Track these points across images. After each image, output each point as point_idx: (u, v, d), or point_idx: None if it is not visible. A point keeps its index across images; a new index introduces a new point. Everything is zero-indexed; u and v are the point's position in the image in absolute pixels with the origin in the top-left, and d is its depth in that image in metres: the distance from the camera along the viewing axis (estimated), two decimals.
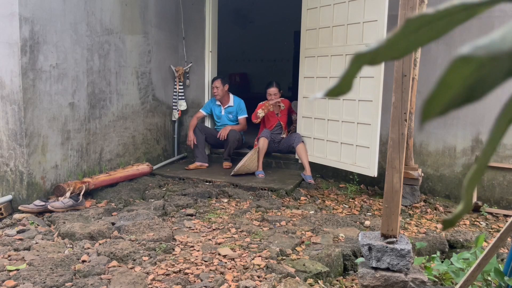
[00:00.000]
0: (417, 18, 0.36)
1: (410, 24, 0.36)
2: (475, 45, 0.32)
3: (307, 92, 4.64)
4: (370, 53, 0.37)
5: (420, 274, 1.97)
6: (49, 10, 3.35)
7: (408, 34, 0.37)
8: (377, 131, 3.81)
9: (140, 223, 2.94)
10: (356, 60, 0.38)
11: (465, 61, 0.32)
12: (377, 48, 0.37)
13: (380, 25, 3.70)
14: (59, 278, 2.16)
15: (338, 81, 0.40)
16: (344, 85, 0.40)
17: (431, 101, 0.35)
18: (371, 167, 3.89)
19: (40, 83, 3.31)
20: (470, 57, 0.32)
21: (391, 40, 0.37)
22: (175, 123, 5.25)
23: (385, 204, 1.99)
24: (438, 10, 0.35)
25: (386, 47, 0.37)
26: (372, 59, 0.38)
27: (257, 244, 2.72)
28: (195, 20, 5.17)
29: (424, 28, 0.36)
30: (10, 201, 3.22)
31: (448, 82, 0.34)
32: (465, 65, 0.33)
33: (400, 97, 1.92)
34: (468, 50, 0.32)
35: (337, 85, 0.40)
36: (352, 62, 0.38)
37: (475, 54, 0.32)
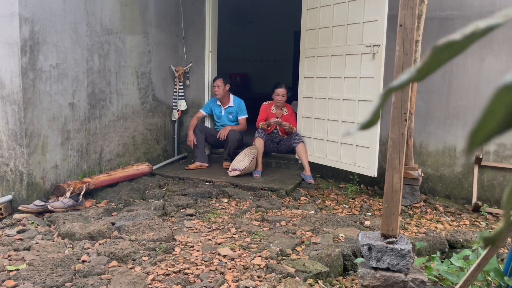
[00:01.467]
0: (444, 45, 0.37)
1: (437, 50, 0.37)
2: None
3: (307, 93, 4.64)
4: (401, 85, 0.39)
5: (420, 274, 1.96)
6: (49, 10, 3.35)
7: (434, 59, 0.38)
8: (377, 131, 3.81)
9: (140, 223, 2.94)
10: (387, 93, 0.40)
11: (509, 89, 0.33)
12: (408, 80, 0.39)
13: (380, 25, 3.70)
14: (59, 278, 2.16)
15: (371, 115, 0.42)
16: (375, 117, 0.42)
17: (478, 131, 0.36)
18: (371, 167, 3.89)
19: (40, 83, 3.31)
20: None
21: (421, 69, 0.38)
22: (175, 123, 5.25)
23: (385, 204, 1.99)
24: (465, 35, 0.36)
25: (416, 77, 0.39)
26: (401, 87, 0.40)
27: (257, 244, 2.72)
28: (195, 20, 5.17)
29: (447, 50, 0.38)
30: (10, 201, 3.22)
31: (493, 111, 0.35)
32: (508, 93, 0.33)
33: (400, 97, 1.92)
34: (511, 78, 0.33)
35: (370, 119, 0.42)
36: (384, 95, 0.40)
37: None
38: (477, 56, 3.91)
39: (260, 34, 8.86)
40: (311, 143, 4.62)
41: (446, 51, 0.37)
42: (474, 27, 0.36)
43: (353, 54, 4.01)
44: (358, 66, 3.96)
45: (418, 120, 4.12)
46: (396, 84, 0.39)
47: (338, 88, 4.21)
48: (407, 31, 1.91)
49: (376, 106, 0.41)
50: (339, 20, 4.17)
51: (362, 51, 3.89)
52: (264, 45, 8.87)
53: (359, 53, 3.94)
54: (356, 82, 3.99)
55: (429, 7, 3.78)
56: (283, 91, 4.70)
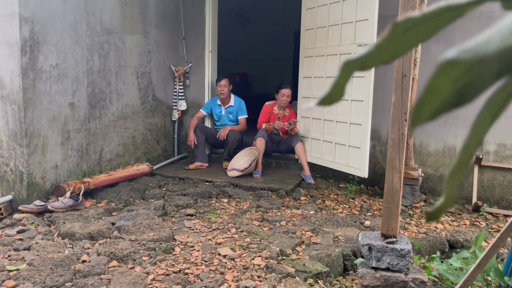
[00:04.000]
0: (403, 22, 0.36)
1: (397, 28, 0.36)
2: (460, 48, 0.32)
3: (306, 92, 4.65)
4: (359, 59, 0.37)
5: (420, 274, 1.97)
6: (49, 10, 3.35)
7: (395, 38, 0.37)
8: (367, 131, 3.79)
9: (140, 223, 2.94)
10: (346, 67, 0.38)
11: (452, 65, 0.32)
12: (366, 54, 0.37)
13: (370, 24, 3.69)
14: (59, 278, 2.16)
15: (330, 89, 0.39)
16: (336, 93, 0.40)
17: (420, 106, 0.35)
18: (361, 168, 3.87)
19: (40, 83, 3.31)
20: (456, 61, 0.32)
21: (380, 45, 0.37)
22: (175, 123, 5.25)
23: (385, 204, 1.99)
24: (424, 13, 0.35)
25: (375, 52, 0.37)
26: (362, 64, 0.38)
27: (257, 244, 2.72)
28: (195, 20, 5.17)
29: (412, 31, 0.36)
30: (10, 201, 3.22)
31: (436, 87, 0.34)
32: (452, 69, 0.33)
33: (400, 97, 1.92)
34: (454, 53, 0.32)
35: (328, 93, 0.40)
36: (342, 69, 0.38)
37: (461, 58, 0.32)
38: None
39: (260, 34, 8.86)
40: (309, 143, 4.63)
41: (411, 31, 0.36)
42: (435, 6, 0.35)
43: (346, 54, 4.01)
44: None
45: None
46: (355, 58, 0.37)
47: None
48: None
49: (337, 81, 0.39)
50: (334, 19, 4.17)
51: (355, 51, 3.88)
52: (264, 45, 8.87)
53: (352, 52, 3.93)
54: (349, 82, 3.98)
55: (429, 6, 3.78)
56: (288, 92, 4.69)
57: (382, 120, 4.31)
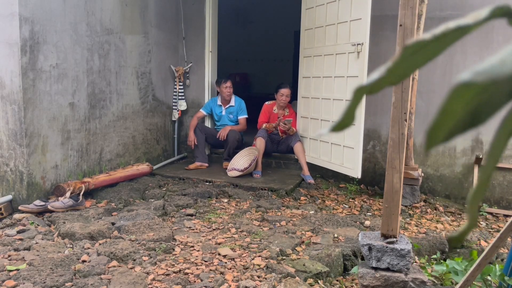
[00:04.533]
0: (414, 45, 0.36)
1: (407, 51, 0.36)
2: (474, 70, 0.32)
3: (305, 92, 4.65)
4: (370, 85, 0.38)
5: (420, 274, 1.97)
6: (49, 10, 3.35)
7: (405, 60, 0.37)
8: (360, 131, 3.77)
9: (140, 223, 2.94)
10: (357, 93, 0.39)
11: (466, 87, 0.32)
12: (378, 79, 0.37)
13: (363, 23, 3.68)
14: (59, 278, 2.16)
15: (342, 116, 0.40)
16: (348, 118, 0.40)
17: (435, 129, 0.35)
18: (355, 168, 3.87)
19: (40, 83, 3.31)
20: (470, 83, 0.32)
21: (390, 69, 0.37)
22: (175, 123, 5.25)
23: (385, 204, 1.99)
24: (435, 35, 0.35)
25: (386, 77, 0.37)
26: (372, 89, 0.39)
27: (257, 244, 2.72)
28: (195, 20, 5.17)
29: (420, 52, 0.37)
30: (10, 201, 3.22)
31: (450, 109, 0.34)
32: (465, 91, 0.32)
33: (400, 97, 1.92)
34: (468, 76, 0.32)
35: (341, 120, 0.40)
36: (354, 95, 0.39)
37: (475, 80, 0.32)
38: (477, 56, 3.91)
39: (260, 34, 8.85)
40: (307, 143, 4.63)
41: (419, 53, 0.37)
42: (444, 28, 0.35)
43: (341, 53, 4.00)
44: (345, 66, 3.95)
45: (418, 120, 4.12)
46: (366, 83, 0.38)
47: (329, 88, 4.22)
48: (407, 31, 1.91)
49: (349, 106, 0.39)
50: (331, 19, 4.17)
51: (349, 50, 3.88)
52: (264, 45, 8.87)
53: (346, 52, 3.92)
54: (344, 81, 3.99)
55: (429, 7, 3.79)
56: (287, 91, 4.69)
57: (382, 120, 4.31)
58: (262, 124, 4.77)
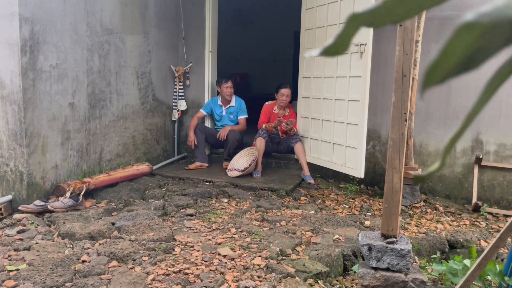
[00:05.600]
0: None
1: None
2: (479, 12, 0.32)
3: (305, 92, 4.65)
4: (367, 13, 0.36)
5: (420, 274, 1.96)
6: (49, 10, 3.35)
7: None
8: (363, 131, 3.78)
9: (140, 223, 2.94)
10: (352, 19, 0.36)
11: (469, 28, 0.32)
12: (374, 8, 0.35)
13: None
14: (59, 278, 2.16)
15: (334, 39, 0.38)
16: (340, 44, 0.38)
17: (433, 69, 0.34)
18: (358, 168, 3.87)
19: (40, 83, 3.31)
20: (474, 24, 0.32)
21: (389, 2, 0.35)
22: (175, 123, 5.25)
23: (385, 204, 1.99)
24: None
25: (384, 9, 0.35)
26: (370, 21, 0.36)
27: (257, 244, 2.72)
28: (195, 20, 5.17)
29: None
30: (10, 201, 3.22)
31: (451, 50, 0.33)
32: (468, 33, 0.32)
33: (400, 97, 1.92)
34: (472, 17, 0.32)
35: (333, 43, 0.38)
36: (348, 21, 0.37)
37: (479, 21, 0.31)
38: None
39: (260, 34, 8.85)
40: (308, 143, 4.63)
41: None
42: None
43: (344, 54, 4.00)
44: (348, 66, 3.96)
45: (418, 120, 4.12)
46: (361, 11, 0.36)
47: (331, 88, 4.22)
48: (407, 31, 1.91)
49: (341, 32, 0.37)
50: (332, 19, 4.17)
51: (352, 50, 3.88)
52: (264, 45, 8.87)
53: (348, 52, 3.93)
54: (346, 81, 3.99)
55: None
56: (288, 92, 4.69)
57: (382, 120, 4.31)
58: (262, 124, 4.77)
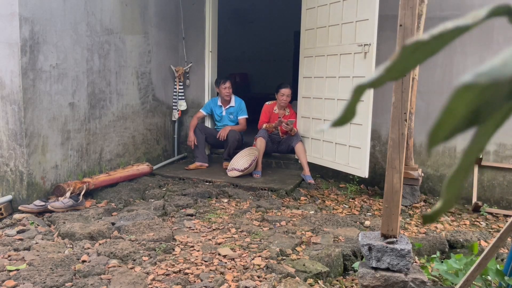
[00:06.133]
0: (413, 44, 0.37)
1: (406, 50, 0.38)
2: (476, 72, 0.33)
3: (306, 92, 4.65)
4: (370, 82, 0.39)
5: (420, 274, 1.96)
6: (49, 10, 3.35)
7: (404, 58, 0.38)
8: (368, 131, 3.79)
9: (140, 223, 2.94)
10: (357, 90, 0.40)
11: (468, 89, 0.33)
12: (377, 77, 0.39)
13: (371, 24, 3.69)
14: (59, 278, 2.16)
15: (343, 112, 0.42)
16: (349, 114, 0.42)
17: (437, 129, 0.36)
18: (362, 168, 3.87)
19: (40, 83, 3.31)
20: (472, 85, 0.33)
21: (389, 68, 0.38)
22: (175, 123, 5.25)
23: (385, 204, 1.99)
24: (433, 35, 0.36)
25: (386, 74, 0.39)
26: (372, 85, 0.40)
27: (257, 244, 2.72)
28: (195, 20, 5.17)
29: (419, 50, 0.38)
30: (10, 201, 3.22)
31: (452, 110, 0.35)
32: (467, 92, 0.33)
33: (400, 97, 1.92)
34: (470, 78, 0.33)
35: (342, 115, 0.42)
36: (354, 92, 0.40)
37: (478, 82, 0.32)
38: (477, 56, 3.91)
39: (260, 34, 8.85)
40: (309, 143, 4.63)
41: (418, 51, 0.38)
42: (442, 28, 0.36)
43: (347, 54, 4.00)
44: (351, 66, 3.95)
45: (418, 120, 4.12)
46: (366, 82, 0.39)
47: (333, 88, 4.22)
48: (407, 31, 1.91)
49: (349, 103, 0.41)
50: (334, 19, 4.17)
51: (355, 51, 3.88)
52: (264, 45, 8.87)
53: (352, 52, 3.93)
54: (349, 82, 3.99)
55: (429, 7, 3.78)
56: (288, 91, 4.69)
57: (382, 120, 4.31)
58: (262, 124, 4.77)
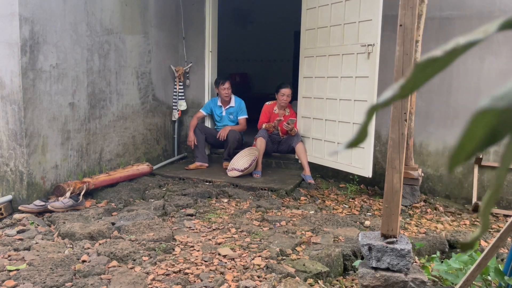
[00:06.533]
0: (425, 61, 0.38)
1: (419, 67, 0.38)
2: (493, 97, 0.34)
3: (306, 92, 4.64)
4: (383, 103, 0.40)
5: (420, 274, 1.96)
6: (49, 10, 3.35)
7: (416, 76, 0.39)
8: (371, 131, 3.80)
9: (140, 223, 2.94)
10: (371, 111, 0.40)
11: (486, 113, 0.34)
12: (392, 97, 0.39)
13: (374, 24, 3.69)
14: (59, 278, 2.16)
15: (357, 133, 0.42)
16: (363, 135, 0.42)
17: (458, 152, 0.37)
18: (366, 168, 3.88)
19: (40, 83, 3.31)
20: (490, 110, 0.34)
21: (403, 86, 0.39)
22: (175, 123, 5.25)
23: (385, 204, 1.99)
24: (446, 51, 0.37)
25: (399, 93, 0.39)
26: (385, 105, 0.41)
27: (257, 244, 2.72)
28: (195, 20, 5.17)
29: (430, 67, 0.38)
30: (10, 201, 3.22)
31: (472, 133, 0.35)
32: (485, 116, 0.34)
33: None
34: (487, 103, 0.34)
35: (356, 137, 0.43)
36: (367, 114, 0.41)
37: (495, 106, 0.33)
38: (477, 56, 3.91)
39: (260, 34, 8.85)
40: (309, 143, 4.62)
41: (429, 67, 0.38)
42: (455, 43, 0.36)
43: (349, 54, 4.01)
44: (354, 66, 3.95)
45: (418, 120, 4.12)
46: (380, 101, 0.40)
47: (335, 88, 4.22)
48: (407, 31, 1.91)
49: (363, 124, 0.41)
50: (336, 19, 4.17)
51: (358, 51, 3.88)
52: (264, 45, 8.86)
53: (355, 52, 3.93)
54: (352, 82, 3.99)
55: (429, 7, 3.78)
56: (288, 91, 4.69)
57: (382, 120, 4.31)
58: (262, 124, 4.77)
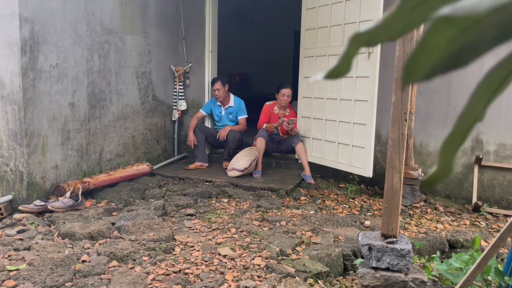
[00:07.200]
0: None
1: (405, 3, 0.36)
2: (454, 6, 0.32)
3: (307, 92, 4.65)
4: (368, 32, 0.37)
5: (420, 274, 1.96)
6: (49, 10, 3.35)
7: (403, 15, 0.36)
8: (372, 131, 3.80)
9: (140, 223, 2.94)
10: (354, 39, 0.38)
11: (446, 23, 0.32)
12: (375, 27, 0.37)
13: None
14: (59, 278, 2.16)
15: (337, 62, 0.39)
16: (343, 65, 0.39)
17: (412, 63, 0.35)
18: (366, 168, 3.88)
19: (40, 83, 3.31)
20: (450, 17, 0.32)
21: (388, 19, 0.36)
22: (175, 123, 5.25)
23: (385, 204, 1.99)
24: None
25: (384, 27, 0.37)
26: (370, 39, 0.38)
27: (257, 244, 2.72)
28: (195, 20, 5.17)
29: (420, 8, 0.36)
30: (10, 201, 3.22)
31: (430, 44, 0.34)
32: (447, 28, 0.33)
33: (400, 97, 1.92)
34: (448, 10, 0.32)
35: (336, 66, 0.40)
36: (350, 42, 0.38)
37: (455, 14, 0.32)
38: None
39: (260, 34, 8.85)
40: (310, 143, 4.63)
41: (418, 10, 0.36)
42: None
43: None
44: (354, 66, 3.94)
45: (418, 120, 4.12)
46: (363, 31, 0.37)
47: (335, 88, 4.22)
48: None
49: (344, 53, 0.38)
50: (336, 19, 4.17)
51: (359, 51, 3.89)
52: (264, 45, 8.87)
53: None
54: (352, 82, 3.99)
55: None
56: (288, 92, 4.69)
57: (382, 120, 4.31)
58: (262, 124, 4.77)
